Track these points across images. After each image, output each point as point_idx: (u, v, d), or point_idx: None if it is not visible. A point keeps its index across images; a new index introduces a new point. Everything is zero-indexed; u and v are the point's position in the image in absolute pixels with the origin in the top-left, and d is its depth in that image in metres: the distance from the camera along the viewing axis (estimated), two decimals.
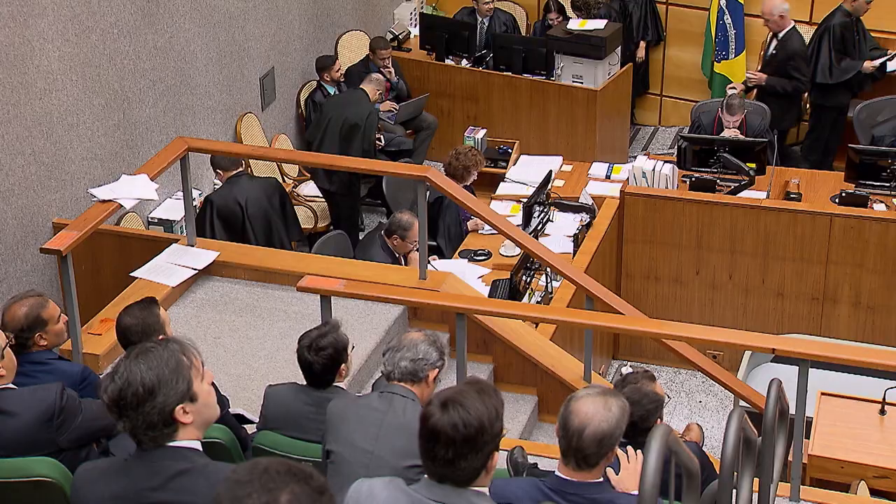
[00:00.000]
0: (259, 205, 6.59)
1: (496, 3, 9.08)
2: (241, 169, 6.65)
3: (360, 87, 7.58)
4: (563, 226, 6.87)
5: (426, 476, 2.41)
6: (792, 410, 4.03)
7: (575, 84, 8.25)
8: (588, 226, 6.84)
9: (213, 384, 2.45)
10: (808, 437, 4.83)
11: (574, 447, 2.71)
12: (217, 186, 6.78)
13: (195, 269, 5.49)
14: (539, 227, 6.76)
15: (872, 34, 8.09)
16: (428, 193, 6.36)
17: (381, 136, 8.29)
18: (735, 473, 3.12)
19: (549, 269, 6.03)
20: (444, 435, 2.32)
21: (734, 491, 3.03)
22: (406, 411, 3.26)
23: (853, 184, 6.75)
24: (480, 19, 8.86)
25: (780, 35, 7.85)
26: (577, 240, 6.66)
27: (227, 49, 7.44)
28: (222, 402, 3.60)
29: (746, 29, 8.68)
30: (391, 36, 9.10)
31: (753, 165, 6.87)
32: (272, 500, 1.76)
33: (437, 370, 3.40)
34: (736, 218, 6.75)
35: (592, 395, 2.74)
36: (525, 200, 6.73)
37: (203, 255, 5.57)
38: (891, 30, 8.20)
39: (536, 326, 5.66)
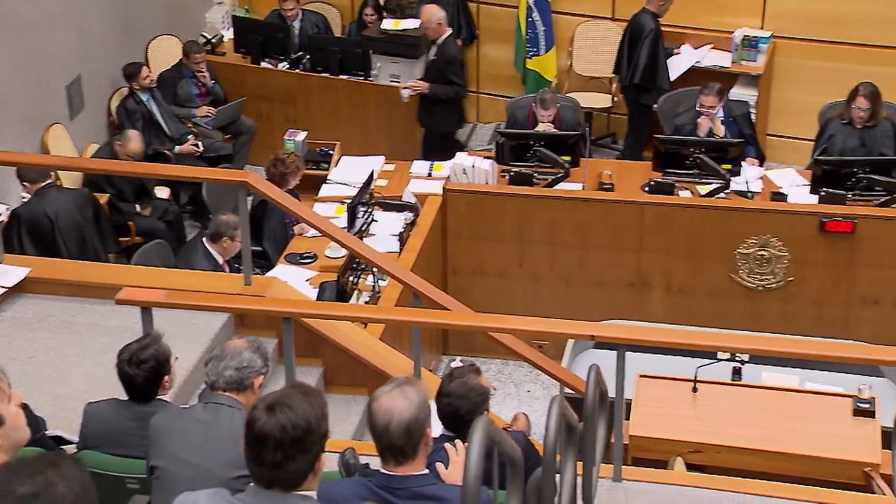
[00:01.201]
0: (70, 217, 6.36)
1: (307, 5, 9.04)
2: (49, 181, 6.40)
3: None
4: (387, 225, 6.91)
5: (252, 484, 2.39)
6: (613, 393, 4.19)
7: (393, 84, 8.31)
8: (412, 224, 6.90)
9: (24, 406, 2.36)
10: (628, 418, 5.03)
11: (386, 443, 2.76)
12: (25, 199, 6.51)
13: (4, 287, 5.26)
14: (364, 228, 6.78)
15: (665, 29, 8.48)
16: (252, 197, 6.29)
17: (200, 142, 8.13)
18: (559, 458, 3.22)
19: (375, 269, 6.05)
20: (271, 438, 2.31)
21: (558, 476, 3.12)
22: (233, 421, 3.22)
23: (661, 172, 7.04)
24: (290, 22, 8.80)
25: (439, 42, 8.01)
26: (403, 238, 6.71)
27: (27, 57, 7.15)
28: (36, 424, 3.47)
29: (555, 25, 8.96)
30: (204, 40, 8.93)
31: (568, 158, 7.08)
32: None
33: (262, 377, 3.37)
34: (554, 210, 6.95)
35: (389, 390, 2.80)
36: (349, 201, 6.73)
37: (12, 272, 5.34)
38: (682, 24, 8.61)
39: (366, 326, 5.68)
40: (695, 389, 5.31)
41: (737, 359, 5.81)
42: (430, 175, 7.51)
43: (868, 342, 6.31)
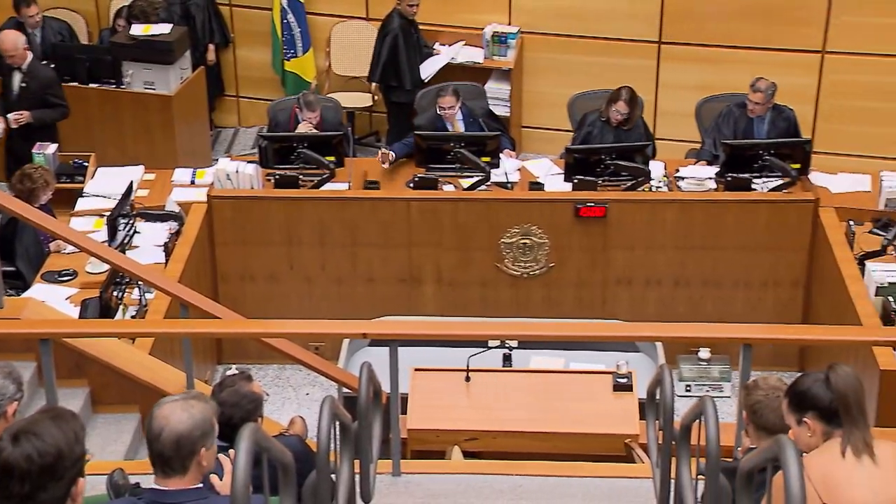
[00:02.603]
0: None
1: (48, 11, 8.63)
2: None
3: None
4: (151, 236, 6.72)
5: None
6: (389, 389, 4.25)
7: (147, 91, 8.06)
8: (177, 233, 6.73)
9: None
10: (405, 412, 5.11)
11: (155, 452, 2.70)
12: None
13: None
14: (126, 241, 6.56)
15: (421, 27, 8.66)
16: (1, 216, 5.96)
17: None
18: (336, 458, 3.24)
19: (140, 282, 5.87)
20: (17, 468, 2.21)
21: (334, 476, 3.14)
22: None
23: (424, 168, 7.18)
24: (31, 31, 8.35)
25: (25, 67, 7.69)
26: (168, 248, 6.54)
27: None
28: None
29: (311, 26, 8.96)
30: None
31: (333, 158, 7.10)
32: None
33: (16, 403, 3.21)
34: (322, 211, 6.96)
35: (174, 399, 2.74)
36: (108, 214, 6.50)
37: None
38: (436, 22, 8.82)
39: (134, 342, 5.50)
40: (468, 379, 5.46)
41: (506, 345, 6.01)
42: (193, 182, 7.34)
43: (624, 320, 6.69)
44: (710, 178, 7.03)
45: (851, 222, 6.50)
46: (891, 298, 5.67)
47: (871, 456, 2.91)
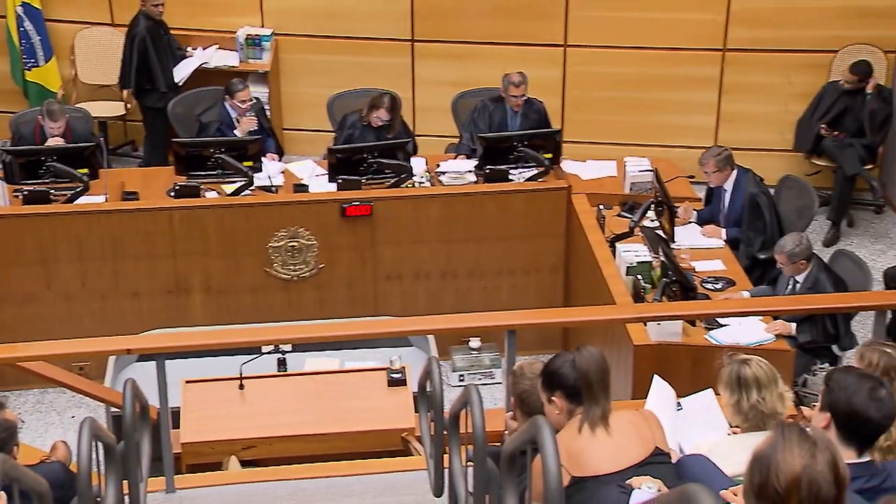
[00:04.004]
0: None
1: None
2: None
3: None
4: None
5: None
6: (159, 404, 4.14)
7: None
8: None
9: None
10: (177, 426, 4.99)
11: None
12: None
13: None
14: None
15: (171, 31, 8.46)
16: None
17: None
18: (101, 481, 3.13)
19: None
20: None
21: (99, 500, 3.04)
22: None
23: (185, 176, 7.02)
24: None
25: None
26: None
27: None
28: None
29: (51, 34, 8.57)
30: None
31: (86, 171, 6.83)
32: None
33: None
34: (79, 226, 6.68)
35: None
36: None
37: None
38: (186, 26, 8.64)
39: None
40: (241, 387, 5.40)
41: (280, 350, 5.98)
42: None
43: (397, 315, 6.78)
44: (470, 172, 7.23)
45: (601, 207, 6.85)
46: (640, 277, 6.02)
47: (606, 427, 3.11)
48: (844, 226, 8.15)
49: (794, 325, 5.78)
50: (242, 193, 6.97)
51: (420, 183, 7.16)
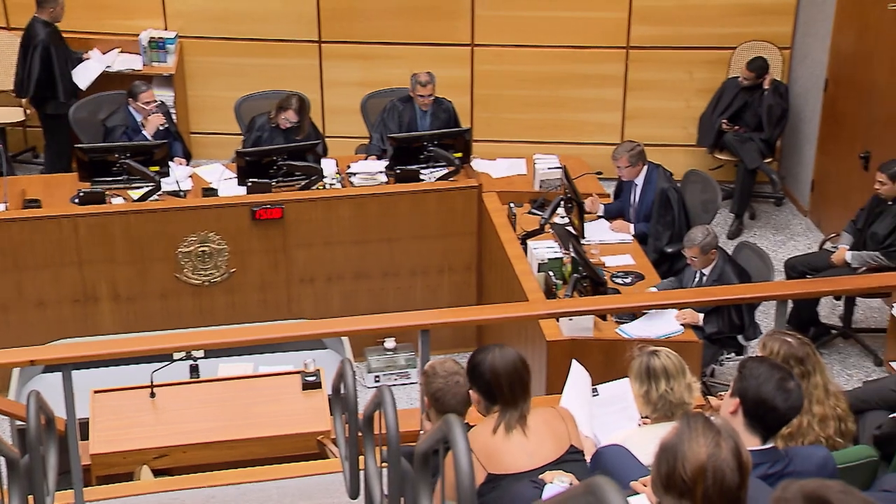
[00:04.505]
0: None
1: None
2: None
3: None
4: None
5: None
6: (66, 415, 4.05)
7: None
8: None
9: None
10: (87, 438, 4.89)
11: None
12: None
13: None
14: None
15: (71, 35, 8.28)
16: None
17: None
18: (4, 498, 3.05)
19: None
20: None
21: None
22: None
23: (89, 182, 6.88)
24: None
25: None
26: None
27: None
28: None
29: None
30: None
31: None
32: None
33: None
34: None
35: None
36: None
37: None
38: (86, 29, 8.47)
39: None
40: (153, 395, 5.31)
41: (192, 356, 5.90)
42: None
43: (311, 318, 6.75)
44: (381, 172, 7.23)
45: (512, 204, 6.91)
46: (551, 273, 6.09)
47: (523, 427, 3.16)
48: (747, 218, 8.36)
49: (701, 315, 5.91)
50: (150, 199, 6.86)
51: (331, 184, 7.13)
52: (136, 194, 6.90)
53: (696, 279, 6.18)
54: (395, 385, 6.77)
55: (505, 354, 3.23)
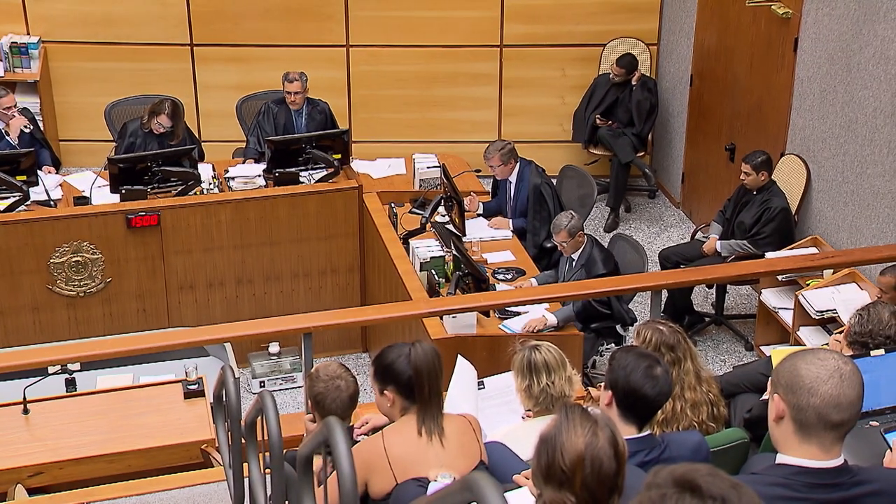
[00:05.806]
0: None
1: None
2: None
3: None
4: None
5: None
6: None
7: None
8: None
9: None
10: None
11: None
12: None
13: None
14: None
15: None
16: None
17: None
18: None
19: None
20: None
21: None
22: None
23: None
24: None
25: None
26: None
27: None
28: None
29: None
30: None
31: None
32: None
33: None
34: None
35: None
36: None
37: None
38: None
39: None
40: (26, 411, 5.14)
41: (68, 369, 5.73)
42: None
43: (192, 325, 6.63)
44: (259, 176, 7.15)
45: (393, 204, 6.92)
46: (434, 272, 6.12)
47: (441, 436, 3.16)
48: (623, 211, 8.55)
49: (553, 317, 5.88)
50: (17, 209, 6.65)
51: (209, 189, 7.02)
52: (2, 205, 6.68)
53: (568, 266, 6.28)
54: (280, 390, 6.71)
55: (423, 349, 3.20)
